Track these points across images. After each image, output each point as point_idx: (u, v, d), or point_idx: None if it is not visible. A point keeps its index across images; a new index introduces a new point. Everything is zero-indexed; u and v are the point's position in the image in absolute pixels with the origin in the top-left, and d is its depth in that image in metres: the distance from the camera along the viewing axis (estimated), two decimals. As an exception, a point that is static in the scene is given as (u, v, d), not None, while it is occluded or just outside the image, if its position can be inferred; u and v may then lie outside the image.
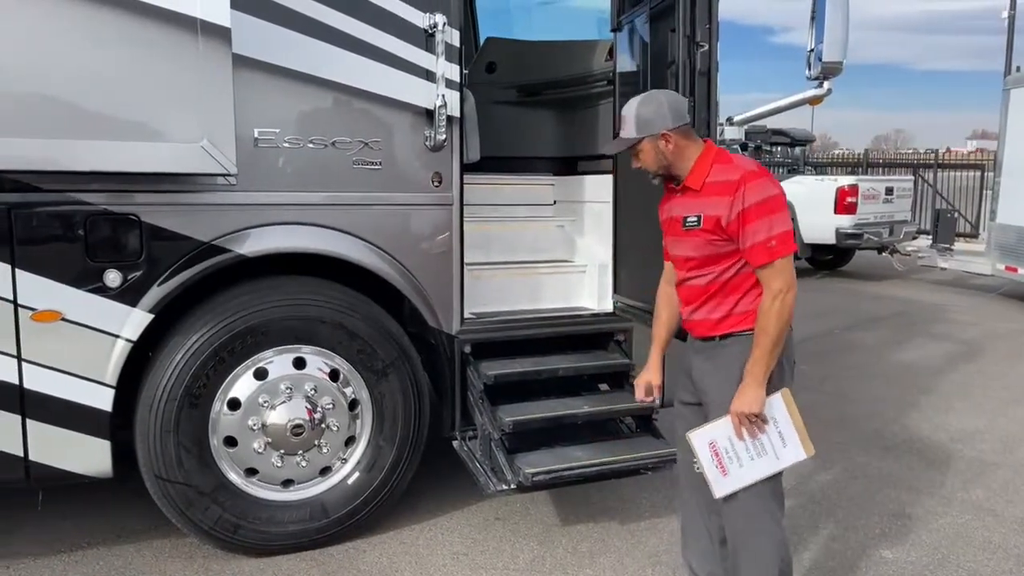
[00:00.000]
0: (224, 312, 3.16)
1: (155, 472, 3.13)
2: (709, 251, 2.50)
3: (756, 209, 2.39)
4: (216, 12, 2.73)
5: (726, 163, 2.52)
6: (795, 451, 2.53)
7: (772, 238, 2.39)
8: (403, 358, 3.45)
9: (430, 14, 3.34)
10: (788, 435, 2.52)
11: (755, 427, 2.49)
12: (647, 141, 2.53)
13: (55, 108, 2.63)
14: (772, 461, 2.53)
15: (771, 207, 2.40)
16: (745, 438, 2.51)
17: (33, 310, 2.88)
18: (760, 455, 2.53)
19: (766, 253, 2.40)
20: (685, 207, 2.57)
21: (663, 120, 2.51)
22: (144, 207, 2.99)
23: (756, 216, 2.39)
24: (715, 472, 2.58)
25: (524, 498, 3.97)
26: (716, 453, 2.56)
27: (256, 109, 3.10)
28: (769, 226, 2.39)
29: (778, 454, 2.53)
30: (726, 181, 2.45)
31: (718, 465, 2.57)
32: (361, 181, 3.34)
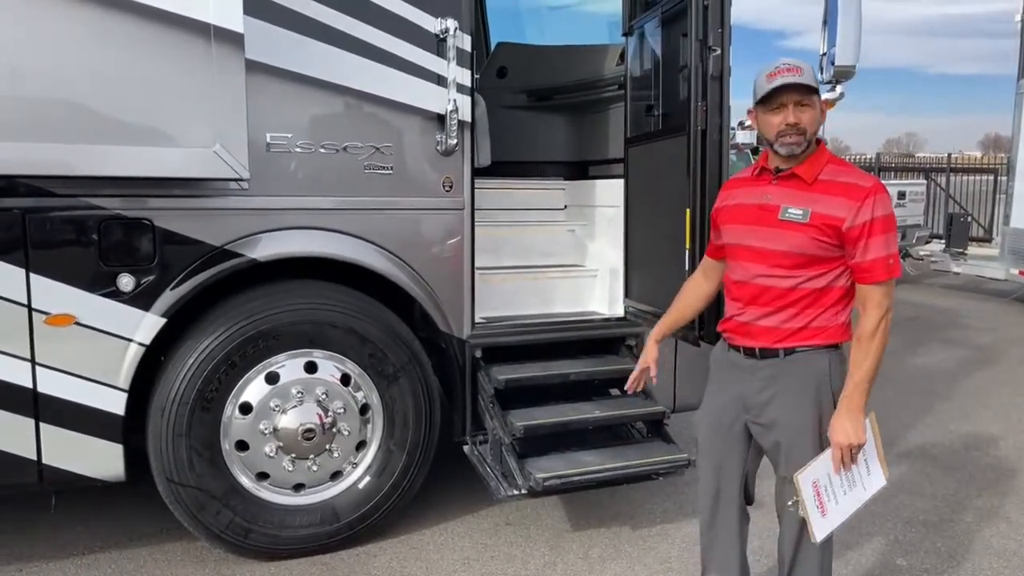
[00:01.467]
0: (236, 316, 3.16)
1: (167, 476, 3.14)
2: (809, 251, 2.29)
3: (884, 223, 2.24)
4: (229, 18, 2.74)
5: (844, 167, 2.35)
6: (878, 478, 2.39)
7: (891, 256, 2.25)
8: (414, 362, 3.45)
9: (441, 19, 3.35)
10: (872, 463, 2.39)
11: (852, 459, 2.33)
12: (816, 98, 2.31)
13: (69, 113, 2.65)
14: (860, 492, 2.38)
15: (893, 225, 2.28)
16: (840, 473, 2.34)
17: (47, 314, 2.90)
18: (851, 487, 2.37)
19: (885, 270, 2.25)
20: (787, 197, 2.33)
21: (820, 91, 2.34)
22: (157, 211, 3.01)
23: (883, 230, 2.24)
24: (816, 513, 2.35)
25: (535, 503, 3.96)
26: (818, 493, 2.35)
27: (268, 114, 3.12)
28: (889, 244, 2.26)
29: (865, 484, 2.38)
30: (854, 185, 2.26)
31: (819, 506, 2.35)
32: (372, 186, 3.35)
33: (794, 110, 2.28)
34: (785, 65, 2.28)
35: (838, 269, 2.31)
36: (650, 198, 3.77)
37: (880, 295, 2.27)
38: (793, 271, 2.32)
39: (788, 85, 2.25)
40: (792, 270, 2.32)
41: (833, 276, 2.32)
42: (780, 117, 2.29)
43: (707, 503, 2.62)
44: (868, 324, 2.27)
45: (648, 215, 3.80)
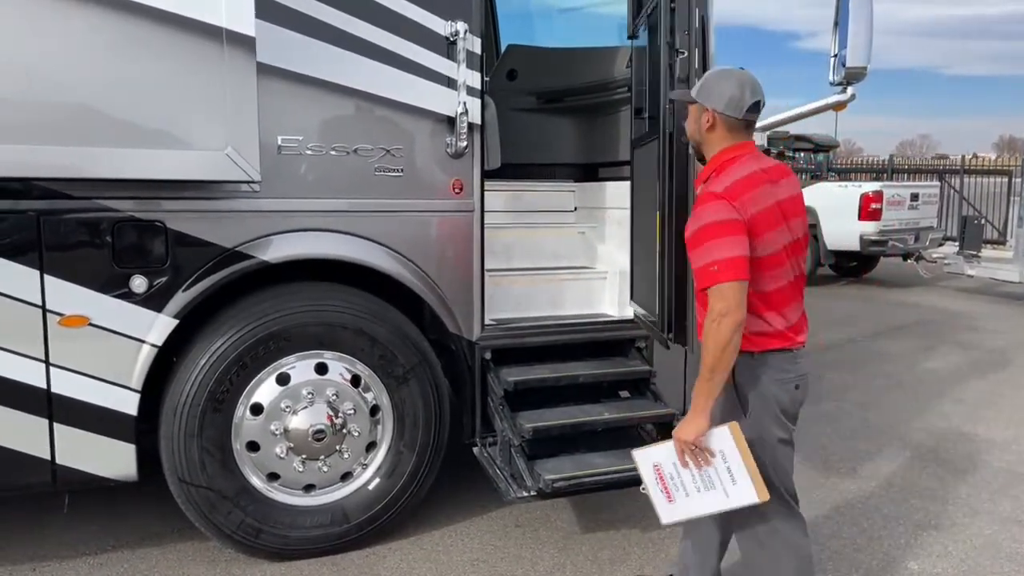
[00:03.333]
0: (247, 318, 3.19)
1: (179, 476, 3.16)
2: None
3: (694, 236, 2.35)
4: (241, 22, 2.77)
5: (721, 173, 2.43)
6: (747, 492, 2.36)
7: (710, 264, 2.30)
8: (424, 364, 3.46)
9: (451, 22, 3.36)
10: (738, 473, 2.36)
11: (697, 457, 2.38)
12: (696, 106, 2.50)
13: (82, 116, 2.67)
14: (721, 498, 2.39)
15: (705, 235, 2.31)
16: (691, 468, 2.41)
17: (61, 315, 2.93)
18: (708, 488, 2.40)
19: (707, 277, 2.31)
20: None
21: (717, 98, 2.43)
22: (169, 214, 3.04)
23: (694, 244, 2.35)
24: (660, 496, 2.48)
25: (544, 505, 3.96)
26: (661, 477, 2.47)
27: (279, 117, 3.14)
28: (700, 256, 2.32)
29: (727, 491, 2.39)
30: (700, 196, 2.43)
31: (663, 489, 2.47)
32: (383, 188, 3.36)
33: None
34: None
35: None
36: (647, 201, 3.77)
37: (709, 301, 2.32)
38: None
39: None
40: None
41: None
42: None
43: None
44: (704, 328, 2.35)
45: (646, 218, 3.80)
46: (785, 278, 2.44)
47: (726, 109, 2.42)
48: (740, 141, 2.49)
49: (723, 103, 2.42)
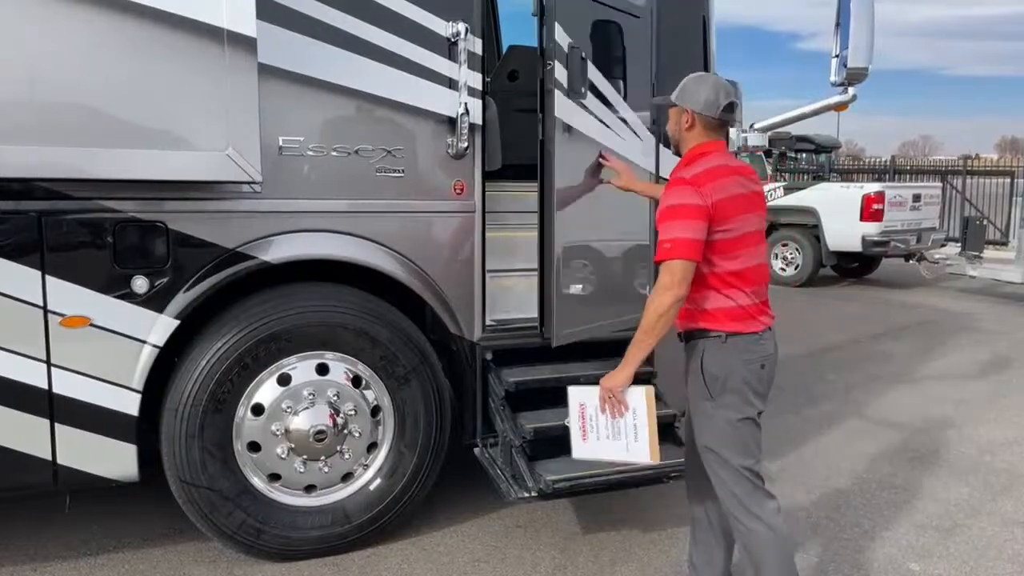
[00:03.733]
0: (248, 318, 3.19)
1: (180, 476, 3.16)
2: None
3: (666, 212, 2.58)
4: (242, 23, 2.76)
5: (686, 166, 2.68)
6: (643, 451, 2.64)
7: (665, 241, 2.54)
8: (425, 365, 3.46)
9: (453, 22, 3.36)
10: (641, 433, 2.63)
11: (614, 407, 2.65)
12: (676, 108, 2.73)
13: (84, 117, 2.67)
14: (621, 450, 2.67)
15: (670, 214, 2.54)
16: (607, 414, 2.67)
17: (62, 316, 2.93)
18: (615, 438, 2.67)
19: (661, 252, 2.55)
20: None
21: (694, 100, 2.66)
22: (171, 214, 3.04)
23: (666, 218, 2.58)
24: (577, 432, 2.75)
25: (546, 506, 3.96)
26: (582, 415, 2.73)
27: (281, 117, 3.14)
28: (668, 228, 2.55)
29: (628, 446, 2.66)
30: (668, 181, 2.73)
31: (581, 428, 2.74)
32: (384, 189, 3.36)
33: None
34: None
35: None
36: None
37: (661, 273, 2.56)
38: None
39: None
40: None
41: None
42: None
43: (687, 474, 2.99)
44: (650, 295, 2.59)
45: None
46: (757, 259, 2.66)
47: (704, 110, 2.65)
48: (714, 139, 2.72)
49: (700, 104, 2.65)
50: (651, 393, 2.63)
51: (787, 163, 14.83)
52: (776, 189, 12.26)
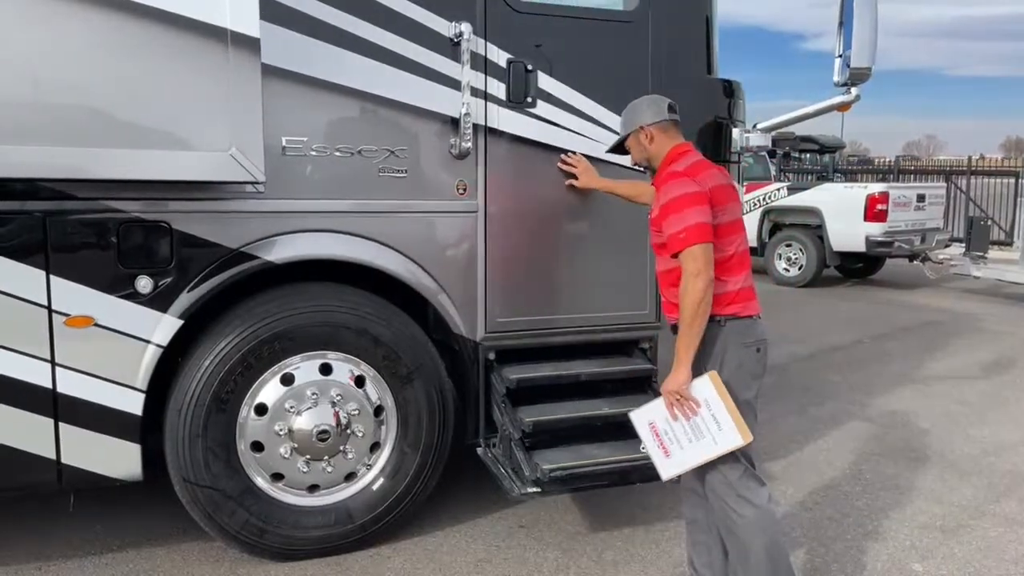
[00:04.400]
0: (252, 318, 3.20)
1: (183, 476, 3.17)
2: (656, 239, 2.79)
3: (667, 207, 2.66)
4: (246, 23, 2.77)
5: (671, 162, 2.80)
6: (732, 436, 2.58)
7: (680, 231, 2.60)
8: (428, 364, 3.46)
9: (456, 23, 3.37)
10: (722, 419, 2.58)
11: (686, 408, 2.62)
12: (631, 136, 2.90)
13: (88, 117, 2.68)
14: (711, 445, 2.60)
15: (679, 205, 2.63)
16: (680, 420, 2.64)
17: (66, 316, 2.94)
18: (698, 438, 2.61)
19: (678, 242, 2.62)
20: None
21: (642, 117, 2.86)
22: (175, 214, 3.05)
23: (667, 212, 2.65)
24: (658, 452, 2.69)
25: (548, 506, 3.96)
26: (656, 433, 2.68)
27: (284, 118, 3.15)
28: (673, 223, 2.63)
29: (715, 438, 2.59)
30: (657, 179, 2.83)
31: (660, 446, 2.68)
32: (387, 189, 3.37)
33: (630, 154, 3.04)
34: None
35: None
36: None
37: (683, 261, 2.62)
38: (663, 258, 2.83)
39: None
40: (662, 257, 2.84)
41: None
42: None
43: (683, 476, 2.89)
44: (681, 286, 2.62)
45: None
46: (743, 245, 2.76)
47: (654, 118, 2.84)
48: (679, 141, 2.87)
49: (649, 116, 2.85)
50: (716, 377, 2.61)
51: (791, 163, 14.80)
52: (780, 189, 12.25)
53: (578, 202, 3.73)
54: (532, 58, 3.53)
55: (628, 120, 2.92)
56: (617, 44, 3.70)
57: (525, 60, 3.51)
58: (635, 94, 3.71)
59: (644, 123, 2.85)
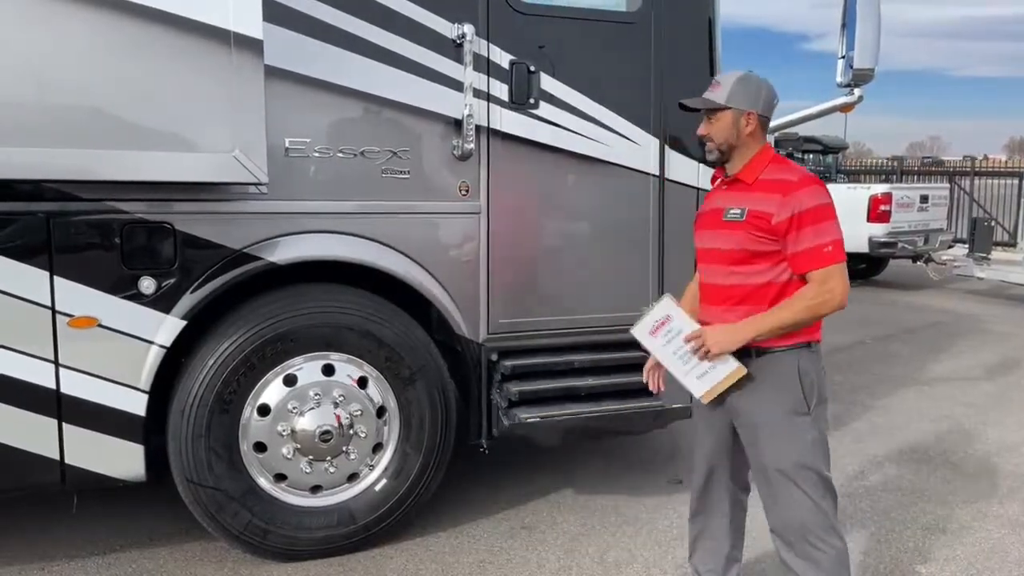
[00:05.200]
0: (255, 319, 3.20)
1: (186, 476, 3.18)
2: (751, 247, 2.44)
3: (813, 214, 2.37)
4: (249, 25, 2.78)
5: (783, 165, 2.53)
6: (701, 389, 2.51)
7: (825, 244, 2.37)
8: (430, 365, 3.47)
9: (458, 24, 3.37)
10: (705, 382, 2.49)
11: (698, 353, 2.47)
12: (731, 112, 2.49)
13: (92, 119, 2.70)
14: (680, 371, 2.52)
15: (824, 214, 2.39)
16: (688, 347, 2.49)
17: (70, 316, 2.95)
18: (684, 362, 2.51)
19: (819, 258, 2.37)
20: (731, 200, 2.52)
21: (755, 100, 2.50)
22: (178, 215, 3.06)
23: (812, 220, 2.37)
24: (649, 324, 2.54)
25: (551, 507, 3.97)
26: (665, 323, 2.53)
27: (287, 119, 3.16)
28: (821, 233, 2.37)
29: (689, 374, 2.51)
30: (782, 181, 2.43)
31: (658, 325, 2.53)
32: (390, 190, 3.38)
33: (704, 122, 2.56)
34: (714, 80, 2.60)
35: (781, 264, 2.43)
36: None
37: (820, 278, 2.38)
38: (740, 267, 2.47)
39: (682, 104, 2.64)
40: (739, 266, 2.47)
41: (778, 270, 2.44)
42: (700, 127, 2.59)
43: (698, 486, 2.78)
44: (804, 291, 2.40)
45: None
46: None
47: (765, 110, 2.52)
48: (767, 142, 2.59)
49: (761, 104, 2.51)
50: (742, 372, 2.45)
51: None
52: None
53: (581, 203, 3.74)
54: (535, 59, 3.54)
55: (741, 94, 2.49)
56: (620, 45, 3.71)
57: (528, 61, 3.52)
58: (637, 95, 3.77)
59: (758, 109, 2.50)
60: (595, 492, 4.16)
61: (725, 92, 2.50)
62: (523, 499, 4.05)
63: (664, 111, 3.78)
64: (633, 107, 3.75)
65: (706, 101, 2.52)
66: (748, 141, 2.51)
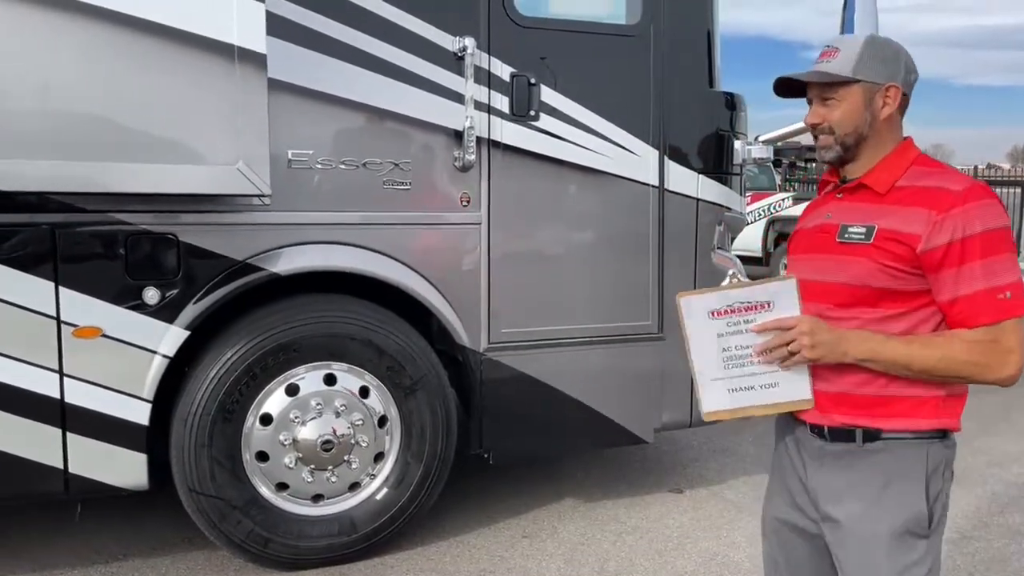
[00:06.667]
0: (257, 329, 3.23)
1: (189, 485, 3.20)
2: (876, 282, 1.69)
3: (985, 241, 1.62)
4: (252, 39, 2.81)
5: (934, 168, 1.76)
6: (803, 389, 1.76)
7: (1002, 288, 1.62)
8: (431, 375, 3.49)
9: (459, 38, 3.41)
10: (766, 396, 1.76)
11: (775, 352, 1.71)
12: (860, 86, 1.72)
13: (97, 131, 2.73)
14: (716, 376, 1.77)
15: (1002, 244, 1.64)
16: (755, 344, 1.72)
17: (75, 326, 2.98)
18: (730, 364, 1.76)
19: (992, 309, 1.62)
20: (851, 214, 1.75)
21: (894, 69, 1.73)
22: (182, 227, 3.09)
23: (983, 252, 1.62)
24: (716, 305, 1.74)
25: (551, 516, 3.98)
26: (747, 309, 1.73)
27: (290, 131, 3.19)
28: (995, 271, 1.62)
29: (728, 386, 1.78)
30: (938, 190, 1.66)
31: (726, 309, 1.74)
32: (391, 201, 3.41)
33: (815, 106, 1.78)
34: (825, 47, 1.77)
35: (924, 310, 1.69)
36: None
37: (990, 336, 1.63)
38: (854, 310, 1.72)
39: (784, 80, 1.81)
40: (852, 308, 1.72)
41: (916, 319, 1.70)
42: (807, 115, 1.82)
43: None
44: (964, 335, 1.65)
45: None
46: None
47: (904, 85, 1.75)
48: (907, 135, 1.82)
49: (902, 75, 1.74)
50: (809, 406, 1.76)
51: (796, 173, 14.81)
52: (785, 199, 12.27)
53: (581, 214, 3.77)
54: (535, 72, 3.58)
55: (875, 62, 1.71)
56: (619, 58, 3.74)
57: (528, 74, 3.56)
58: (637, 107, 3.79)
59: (898, 82, 1.74)
60: (596, 501, 4.17)
61: (850, 60, 1.71)
62: (524, 508, 4.06)
63: (664, 122, 3.81)
64: (633, 119, 3.78)
65: (823, 74, 1.74)
66: (883, 130, 1.75)
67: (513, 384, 3.66)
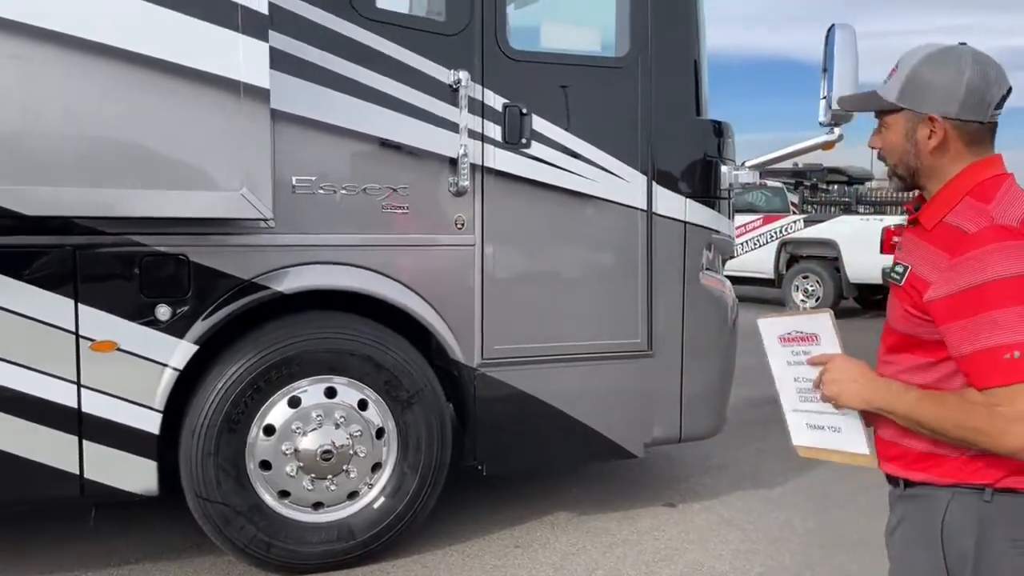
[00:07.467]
0: (262, 344, 3.43)
1: (196, 491, 3.39)
2: (906, 328, 1.62)
3: (996, 291, 1.45)
4: (257, 75, 3.03)
5: (979, 200, 1.55)
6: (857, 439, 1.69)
7: (1009, 346, 1.43)
8: (427, 389, 3.66)
9: (455, 71, 3.62)
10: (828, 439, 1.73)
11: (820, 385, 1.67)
12: (903, 115, 1.60)
13: (117, 160, 2.96)
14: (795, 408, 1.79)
15: (1017, 294, 1.44)
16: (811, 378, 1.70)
17: (92, 340, 3.20)
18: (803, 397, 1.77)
19: (995, 370, 1.45)
20: (905, 249, 1.68)
21: (944, 95, 1.55)
22: (192, 248, 3.31)
23: (991, 303, 1.45)
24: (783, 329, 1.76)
25: (545, 527, 4.11)
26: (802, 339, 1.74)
27: (294, 159, 3.40)
28: (1001, 326, 1.44)
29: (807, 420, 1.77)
30: (955, 228, 1.53)
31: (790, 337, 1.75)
32: (390, 224, 3.60)
33: (878, 129, 1.69)
34: (896, 64, 1.65)
35: (950, 362, 1.55)
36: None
37: (998, 399, 1.45)
38: (897, 355, 1.67)
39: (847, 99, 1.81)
40: (895, 354, 1.68)
41: (943, 372, 1.57)
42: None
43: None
44: (976, 396, 1.49)
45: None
46: None
47: (962, 112, 1.55)
48: (991, 154, 1.61)
49: (957, 103, 1.55)
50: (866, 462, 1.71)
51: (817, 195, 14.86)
52: (796, 222, 12.35)
53: (571, 236, 3.94)
54: (527, 102, 3.77)
55: (921, 86, 1.58)
56: (608, 89, 3.93)
57: (520, 104, 3.75)
58: (625, 135, 3.97)
59: (944, 112, 1.56)
60: (589, 513, 4.30)
61: (899, 82, 1.60)
62: (518, 519, 4.20)
63: (652, 149, 3.98)
64: (622, 146, 3.95)
65: (866, 99, 1.69)
66: (933, 162, 1.60)
67: (506, 398, 3.82)
